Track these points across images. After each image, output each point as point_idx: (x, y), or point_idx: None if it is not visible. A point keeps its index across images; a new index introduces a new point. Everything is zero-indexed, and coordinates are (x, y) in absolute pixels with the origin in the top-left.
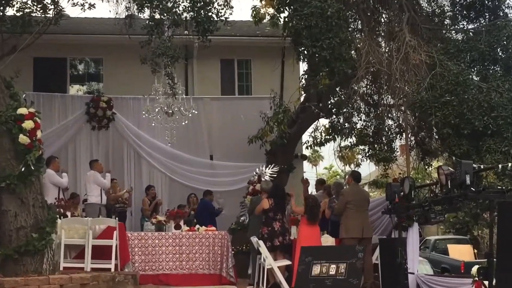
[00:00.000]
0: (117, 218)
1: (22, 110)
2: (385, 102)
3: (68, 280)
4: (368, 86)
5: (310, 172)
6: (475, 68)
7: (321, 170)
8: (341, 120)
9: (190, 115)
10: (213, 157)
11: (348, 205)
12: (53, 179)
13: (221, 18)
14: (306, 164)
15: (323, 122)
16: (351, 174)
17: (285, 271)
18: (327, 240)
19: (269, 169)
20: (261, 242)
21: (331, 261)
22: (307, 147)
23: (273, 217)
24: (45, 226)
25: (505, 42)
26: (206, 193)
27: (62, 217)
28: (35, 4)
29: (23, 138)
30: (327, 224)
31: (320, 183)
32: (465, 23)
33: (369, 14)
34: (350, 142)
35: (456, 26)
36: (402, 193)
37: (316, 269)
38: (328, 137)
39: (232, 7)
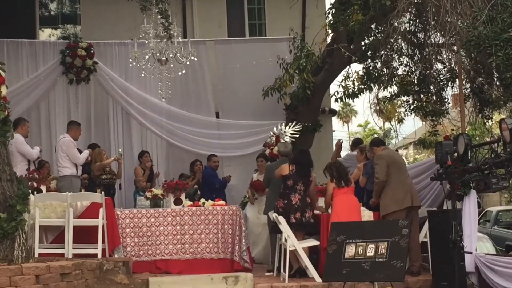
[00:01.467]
0: (103, 192)
1: None
2: (432, 41)
3: (45, 270)
4: (411, 22)
5: (341, 131)
6: None
7: (354, 128)
8: (378, 65)
9: (188, 63)
10: (219, 114)
11: (390, 170)
12: (21, 147)
13: None
14: (335, 121)
15: (356, 67)
16: (373, 143)
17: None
18: (363, 214)
19: (289, 128)
20: (281, 218)
21: (369, 240)
22: (336, 100)
23: (292, 188)
24: (15, 203)
25: None
26: (210, 158)
27: (35, 192)
28: None
29: None
30: (361, 194)
31: (356, 143)
32: None
33: None
34: (390, 92)
35: None
36: (455, 154)
37: (350, 250)
38: (362, 86)
39: None
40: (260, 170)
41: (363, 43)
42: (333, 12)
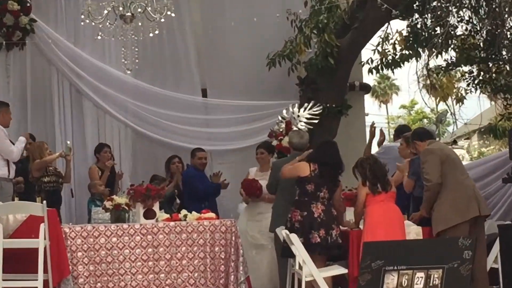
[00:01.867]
0: (45, 201)
1: None
2: None
3: None
4: None
5: (377, 114)
6: None
7: (395, 109)
8: (429, 22)
9: (163, 20)
10: (207, 92)
11: (444, 169)
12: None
13: None
14: (369, 101)
15: (398, 26)
16: (416, 135)
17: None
18: (409, 230)
19: (305, 110)
20: (294, 237)
21: (417, 267)
22: (370, 71)
23: (313, 195)
24: None
25: None
26: (194, 154)
27: None
28: None
29: None
30: (406, 202)
31: (400, 132)
32: None
33: None
34: (446, 60)
35: None
36: None
37: (390, 281)
38: (407, 52)
39: None
40: (261, 165)
41: None
42: None
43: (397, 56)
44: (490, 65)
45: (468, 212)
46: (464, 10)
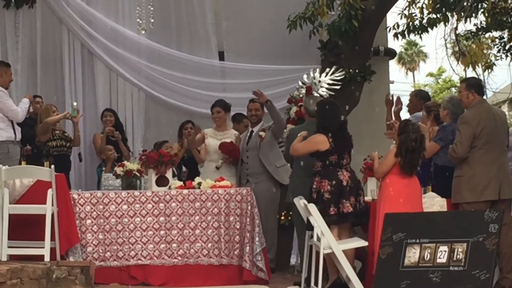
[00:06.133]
0: (53, 166)
1: None
2: None
3: None
4: None
5: (402, 82)
6: None
7: (422, 77)
8: None
9: None
10: (224, 55)
11: (475, 143)
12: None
13: None
14: (395, 68)
15: None
16: (468, 83)
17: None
18: (433, 203)
19: (326, 75)
20: (312, 207)
21: (440, 240)
22: (395, 36)
23: (337, 163)
24: None
25: None
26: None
27: None
28: None
29: None
30: (429, 171)
31: (421, 98)
32: None
33: None
34: (475, 25)
35: None
36: None
37: (412, 254)
38: (434, 15)
39: None
40: (218, 125)
41: None
42: None
43: (424, 21)
44: None
45: (483, 193)
46: None
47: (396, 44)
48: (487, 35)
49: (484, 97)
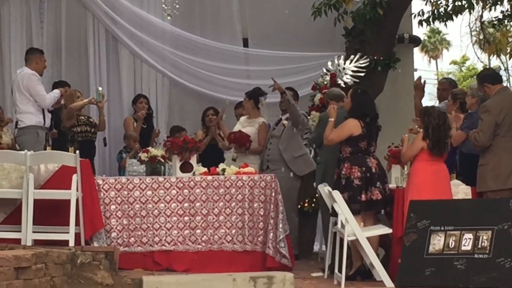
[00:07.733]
0: (78, 151)
1: None
2: None
3: None
4: None
5: (426, 70)
6: None
7: (446, 65)
8: None
9: None
10: (248, 42)
11: (498, 130)
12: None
13: None
14: (419, 55)
15: None
16: (484, 78)
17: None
18: (458, 190)
19: (351, 62)
20: (337, 193)
21: (465, 227)
22: (420, 23)
23: (366, 150)
24: None
25: None
26: (237, 107)
27: None
28: None
29: None
30: (453, 158)
31: (445, 86)
32: None
33: None
34: (502, 12)
35: None
36: None
37: (437, 242)
38: (459, 3)
39: None
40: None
41: None
42: None
43: (449, 8)
44: None
45: (507, 181)
46: None
47: (419, 32)
48: None
49: (508, 85)
